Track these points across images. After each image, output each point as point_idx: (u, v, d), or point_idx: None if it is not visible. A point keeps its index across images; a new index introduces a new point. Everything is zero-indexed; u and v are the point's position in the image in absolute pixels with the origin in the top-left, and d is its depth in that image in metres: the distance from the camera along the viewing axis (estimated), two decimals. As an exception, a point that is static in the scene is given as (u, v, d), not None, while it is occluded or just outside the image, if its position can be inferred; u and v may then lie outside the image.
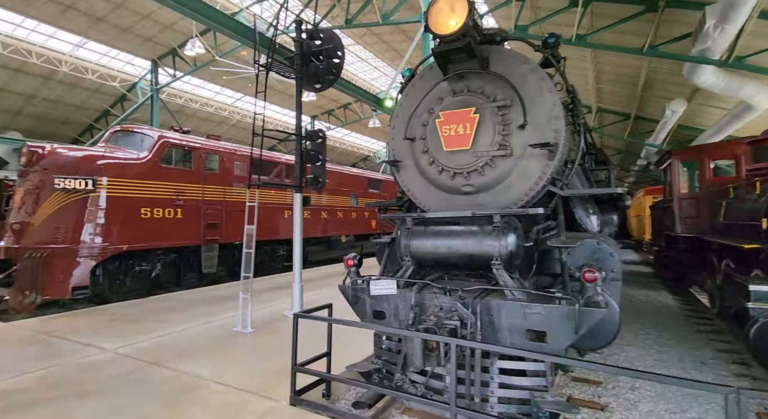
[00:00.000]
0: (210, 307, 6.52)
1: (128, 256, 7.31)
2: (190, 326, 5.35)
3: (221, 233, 8.80)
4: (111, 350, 4.39)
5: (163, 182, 7.74)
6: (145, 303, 6.83)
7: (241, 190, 9.39)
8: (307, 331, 4.94)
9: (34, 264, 6.12)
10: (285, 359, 3.99)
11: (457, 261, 3.14)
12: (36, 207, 6.52)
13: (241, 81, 25.29)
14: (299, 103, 6.45)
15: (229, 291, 7.87)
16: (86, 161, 6.87)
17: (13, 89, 21.07)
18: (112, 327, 5.32)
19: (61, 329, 5.25)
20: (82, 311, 6.27)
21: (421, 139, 3.66)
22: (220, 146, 9.20)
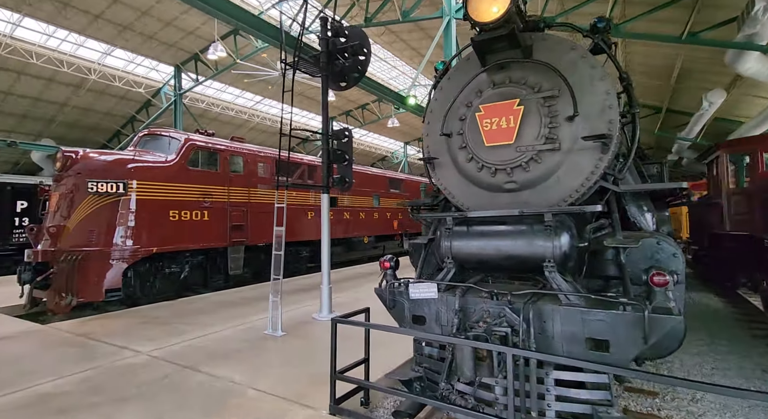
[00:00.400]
0: (239, 309, 6.51)
1: (158, 258, 7.39)
2: (221, 328, 5.32)
3: (246, 234, 8.83)
4: (145, 353, 4.39)
5: (190, 184, 7.80)
6: (174, 305, 6.89)
7: (264, 191, 9.40)
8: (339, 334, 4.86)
9: (69, 267, 6.24)
10: (319, 364, 3.89)
11: (504, 263, 2.95)
12: (71, 211, 6.65)
13: (261, 84, 25.59)
14: (325, 102, 6.36)
15: (256, 293, 7.87)
16: (117, 164, 6.98)
17: (47, 98, 21.93)
18: (145, 330, 5.35)
19: (97, 331, 5.31)
20: (115, 314, 6.36)
21: (458, 134, 3.48)
22: (244, 147, 9.23)
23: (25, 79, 20.05)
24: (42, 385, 3.55)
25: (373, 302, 6.95)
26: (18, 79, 19.94)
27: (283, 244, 5.36)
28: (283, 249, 5.34)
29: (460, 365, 2.44)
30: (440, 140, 3.65)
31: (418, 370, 3.09)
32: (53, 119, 24.03)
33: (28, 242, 12.00)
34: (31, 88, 20.77)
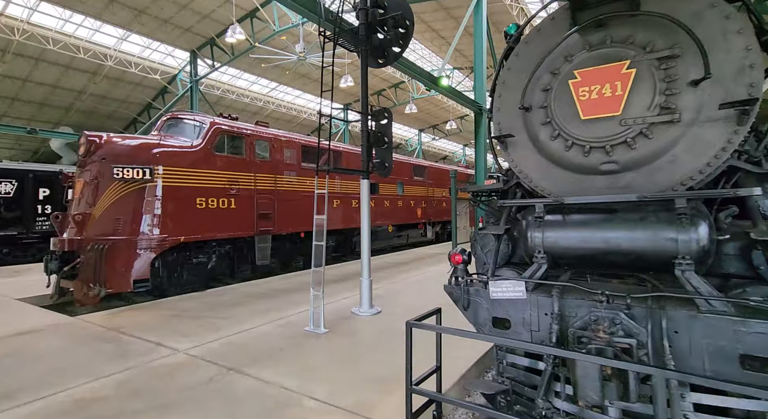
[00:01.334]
0: (271, 302, 6.18)
1: (185, 248, 7.09)
2: (257, 324, 4.99)
3: (273, 223, 8.48)
4: (182, 351, 4.07)
5: (217, 170, 7.44)
6: (203, 297, 6.60)
7: (291, 178, 9.02)
8: (386, 329, 4.55)
9: (96, 256, 5.97)
10: (374, 367, 3.52)
11: (614, 259, 2.48)
12: (96, 198, 6.36)
13: (276, 70, 25.09)
14: (365, 78, 5.87)
15: (286, 284, 7.55)
16: (143, 149, 6.64)
17: (65, 86, 21.83)
18: (178, 324, 5.05)
19: (128, 324, 5.03)
20: (145, 305, 6.09)
21: (540, 108, 2.98)
22: (270, 132, 8.82)
23: (42, 66, 19.93)
24: (77, 388, 3.25)
25: (413, 294, 6.54)
26: (36, 66, 19.82)
27: (325, 234, 4.96)
28: (324, 239, 4.94)
29: (581, 386, 2.00)
30: (516, 114, 3.15)
31: (503, 382, 2.67)
32: (71, 106, 24.00)
33: (51, 230, 11.94)
34: (48, 75, 20.66)
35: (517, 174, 3.22)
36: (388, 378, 3.33)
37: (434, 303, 5.88)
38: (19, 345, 4.35)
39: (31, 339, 4.53)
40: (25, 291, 7.21)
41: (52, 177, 11.98)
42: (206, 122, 7.62)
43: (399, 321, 4.99)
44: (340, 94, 31.07)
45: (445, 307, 3.17)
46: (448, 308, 3.21)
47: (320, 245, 4.92)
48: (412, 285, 7.38)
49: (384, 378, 3.33)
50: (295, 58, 16.86)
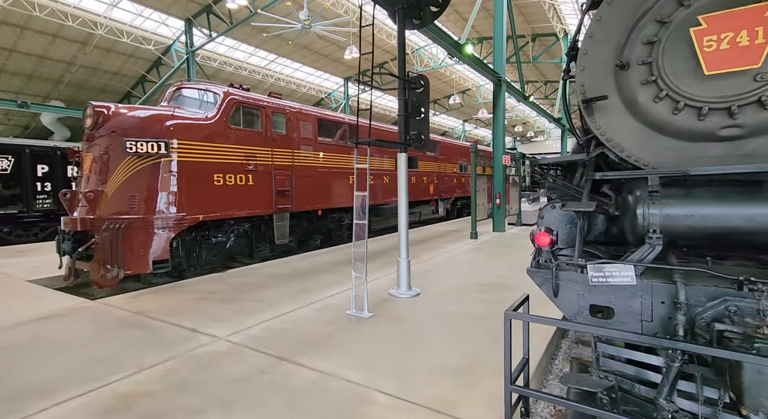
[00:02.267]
0: (298, 283, 5.89)
1: (203, 227, 6.73)
2: (293, 307, 4.70)
3: (291, 200, 8.10)
4: (222, 338, 3.78)
5: (233, 145, 6.98)
6: (226, 278, 6.30)
7: (308, 153, 8.57)
8: (433, 313, 4.18)
9: (113, 236, 5.59)
10: (437, 356, 3.26)
11: (761, 241, 2.15)
12: (107, 174, 5.92)
13: (275, 40, 23.96)
14: (402, 41, 5.35)
15: (308, 264, 7.26)
16: (155, 121, 6.14)
17: (53, 56, 20.71)
18: (208, 307, 4.75)
19: (154, 308, 4.72)
20: (167, 288, 5.78)
21: (642, 64, 2.57)
22: (287, 104, 8.29)
23: (29, 34, 18.79)
24: (120, 382, 2.96)
25: (445, 274, 6.27)
26: (21, 35, 18.69)
27: (368, 211, 4.61)
28: (368, 217, 4.59)
29: (752, 392, 1.72)
30: (607, 74, 2.74)
31: (607, 377, 2.41)
32: (61, 79, 22.91)
33: (52, 209, 11.49)
34: (35, 44, 19.53)
35: (605, 143, 2.85)
36: (458, 369, 3.07)
37: (472, 283, 5.63)
38: (42, 331, 4.04)
39: (54, 325, 4.22)
40: (34, 272, 6.87)
41: (50, 153, 11.39)
42: (219, 92, 7.08)
43: (443, 303, 4.74)
44: (340, 67, 29.96)
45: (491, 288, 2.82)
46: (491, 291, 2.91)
47: (362, 223, 4.57)
48: (441, 264, 7.12)
49: (453, 369, 3.07)
50: (300, 26, 15.94)
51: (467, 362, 3.16)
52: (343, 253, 8.30)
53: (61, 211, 11.68)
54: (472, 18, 9.86)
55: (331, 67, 29.38)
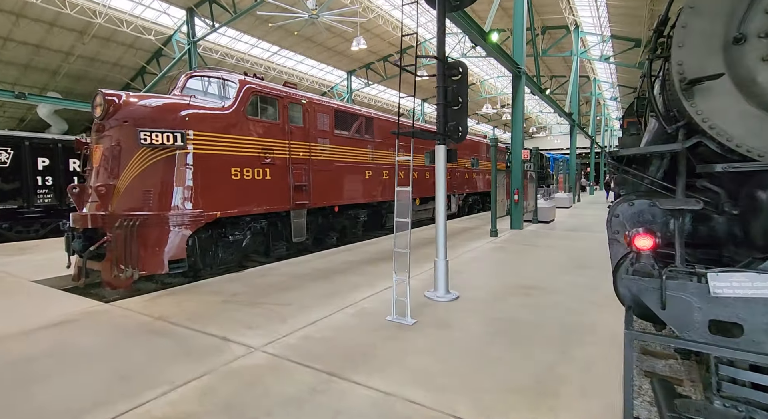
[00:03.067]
0: (325, 284, 5.55)
1: (220, 224, 6.35)
2: (326, 312, 4.36)
3: (309, 196, 7.72)
4: (258, 348, 3.43)
5: (250, 136, 6.58)
6: (245, 279, 5.94)
7: (325, 147, 8.18)
8: (481, 320, 3.52)
9: (127, 234, 5.21)
10: (504, 372, 2.93)
11: None
12: (119, 167, 5.52)
13: (279, 32, 23.42)
14: (442, 23, 4.96)
15: (328, 264, 6.90)
16: (170, 110, 5.73)
17: (50, 46, 20.09)
18: (234, 311, 4.40)
19: (176, 313, 4.36)
20: (184, 289, 5.41)
21: (764, 37, 2.22)
22: (304, 95, 7.88)
23: (24, 22, 18.17)
24: (153, 402, 2.61)
25: (478, 274, 5.93)
26: (17, 23, 18.06)
27: (410, 208, 4.25)
28: (410, 214, 4.23)
29: None
30: (713, 50, 2.38)
31: (735, 407, 2.08)
32: (58, 70, 22.29)
33: (54, 204, 11.05)
34: (32, 33, 18.91)
35: (707, 130, 2.50)
36: (533, 387, 2.74)
37: (510, 286, 5.30)
38: (57, 340, 3.67)
39: (69, 333, 3.85)
40: (39, 272, 6.47)
41: (50, 145, 10.93)
42: (235, 80, 6.67)
43: (486, 308, 4.41)
44: (344, 60, 29.42)
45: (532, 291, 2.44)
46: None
47: (405, 221, 4.22)
48: (469, 264, 6.79)
49: (527, 387, 2.74)
50: (307, 16, 15.44)
51: (541, 378, 2.83)
52: (362, 252, 7.96)
53: (63, 206, 11.28)
54: (494, 7, 9.46)
55: (334, 60, 28.86)
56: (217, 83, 6.78)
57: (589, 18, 20.89)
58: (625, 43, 20.70)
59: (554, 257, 7.27)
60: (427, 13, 24.26)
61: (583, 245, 8.46)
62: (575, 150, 23.09)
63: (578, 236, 9.88)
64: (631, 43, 19.70)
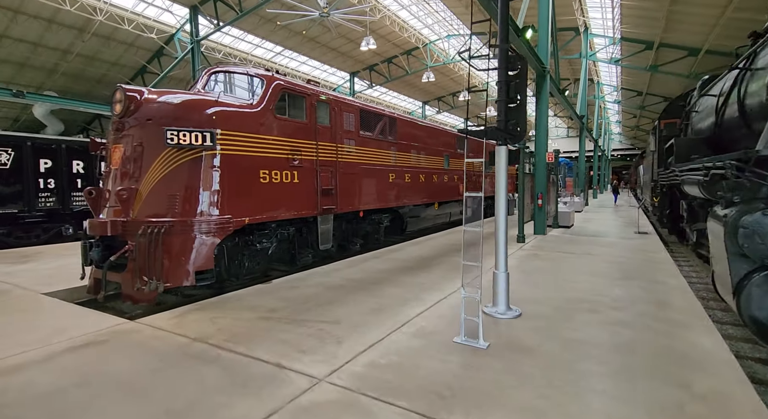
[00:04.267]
0: (365, 297, 5.11)
1: (247, 231, 5.89)
2: (382, 332, 3.92)
3: (335, 200, 7.29)
4: (323, 378, 2.99)
5: (279, 136, 6.14)
6: (275, 291, 5.47)
7: (351, 148, 7.76)
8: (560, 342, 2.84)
9: (151, 243, 4.74)
10: (621, 409, 2.50)
11: None
12: (142, 170, 5.05)
13: (283, 32, 22.99)
14: (505, 11, 4.56)
15: (358, 273, 6.46)
16: (196, 108, 5.27)
17: (48, 43, 19.48)
18: (278, 332, 3.94)
19: (213, 333, 3.90)
20: (212, 303, 4.93)
21: None
22: (330, 93, 7.46)
23: (22, 19, 17.57)
24: (223, 455, 2.15)
25: (529, 287, 5.54)
26: (14, 19, 17.46)
27: (482, 214, 3.83)
28: (482, 221, 3.81)
29: None
30: None
31: None
32: (55, 68, 21.66)
33: (56, 208, 10.46)
34: (29, 30, 18.30)
35: None
36: (670, 429, 2.32)
37: (570, 300, 4.90)
38: (86, 366, 3.20)
39: (98, 357, 3.37)
40: (47, 283, 5.96)
41: (53, 146, 10.37)
42: (263, 76, 6.23)
43: (557, 327, 4.00)
44: (348, 61, 29.02)
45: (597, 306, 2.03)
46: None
47: (476, 231, 3.80)
48: (514, 275, 6.38)
49: (663, 429, 2.32)
50: (317, 14, 15.03)
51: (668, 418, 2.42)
52: (390, 260, 7.52)
53: (66, 210, 10.71)
54: (525, 4, 9.11)
55: (338, 62, 28.47)
56: (242, 79, 6.33)
57: (598, 20, 20.72)
58: (634, 46, 20.53)
59: (595, 266, 6.89)
60: (436, 15, 23.98)
61: (616, 253, 8.10)
62: (584, 153, 22.86)
63: (606, 242, 9.53)
64: (641, 45, 19.53)
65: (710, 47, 16.76)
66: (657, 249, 8.36)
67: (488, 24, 5.05)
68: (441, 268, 6.78)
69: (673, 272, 6.30)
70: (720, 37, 15.51)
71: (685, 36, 16.87)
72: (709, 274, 5.31)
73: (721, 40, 15.81)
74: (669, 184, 7.71)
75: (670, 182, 7.34)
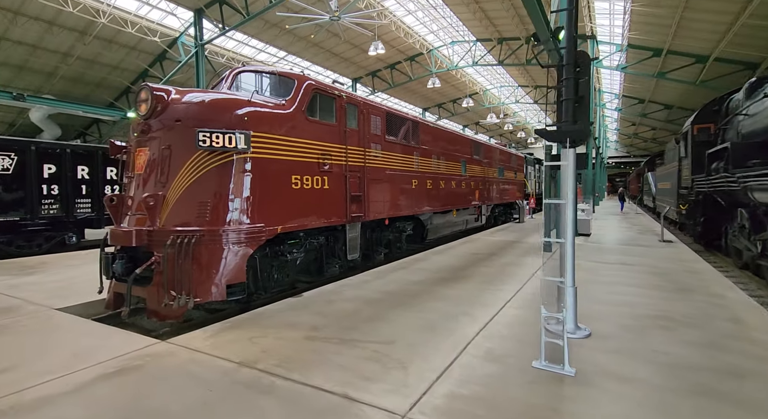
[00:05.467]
0: (409, 313, 4.73)
1: (278, 241, 5.50)
2: (448, 356, 3.53)
3: (363, 208, 6.92)
4: (404, 414, 2.60)
5: (310, 140, 5.79)
6: (310, 305, 5.08)
7: (377, 153, 7.42)
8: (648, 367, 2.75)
9: (181, 254, 4.33)
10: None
11: None
12: (169, 175, 4.66)
13: (287, 36, 22.76)
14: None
15: (389, 285, 6.08)
16: (229, 108, 4.90)
17: (48, 46, 19.03)
18: (329, 354, 3.55)
19: (259, 356, 3.49)
20: (245, 320, 4.51)
21: None
22: (358, 95, 7.14)
23: (22, 20, 17.14)
24: None
25: (582, 302, 5.16)
26: (14, 21, 17.01)
27: (573, 225, 3.49)
28: (573, 231, 3.47)
29: None
30: None
31: None
32: (54, 72, 21.20)
33: (60, 215, 9.95)
34: (29, 32, 17.86)
35: None
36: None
37: (631, 316, 4.55)
38: (125, 398, 2.78)
39: (136, 386, 2.95)
40: (59, 297, 5.51)
41: (58, 151, 9.90)
42: (293, 76, 5.89)
43: (634, 347, 3.67)
44: (351, 67, 28.83)
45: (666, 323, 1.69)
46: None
47: (566, 242, 3.45)
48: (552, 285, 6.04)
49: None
50: (328, 17, 14.78)
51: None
52: (418, 270, 7.15)
53: (70, 217, 10.21)
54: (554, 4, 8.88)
55: (341, 67, 28.28)
56: (270, 80, 5.98)
57: (605, 27, 20.74)
58: (640, 53, 20.54)
59: (638, 277, 6.57)
60: (440, 21, 23.90)
61: (651, 262, 7.80)
62: (590, 160, 22.74)
63: (635, 251, 9.24)
64: (649, 52, 19.54)
65: (719, 55, 16.76)
66: (693, 259, 8.07)
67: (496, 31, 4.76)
68: (474, 280, 6.42)
69: (725, 284, 6.00)
70: (731, 44, 15.50)
71: (693, 43, 16.87)
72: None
73: (732, 47, 15.81)
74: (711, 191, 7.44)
75: (715, 189, 7.07)
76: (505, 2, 19.18)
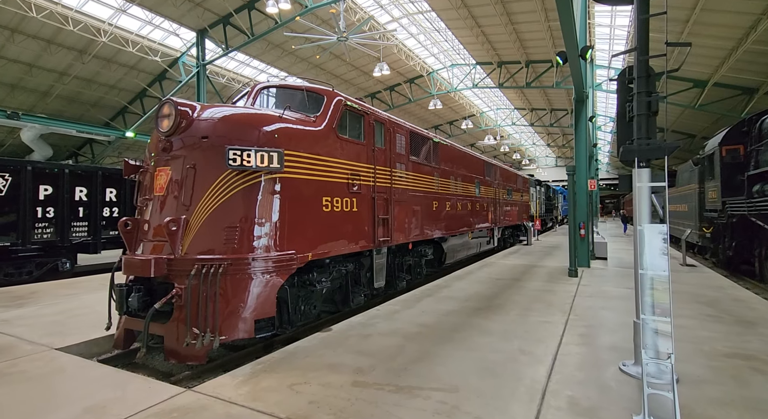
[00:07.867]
0: (459, 351, 4.23)
1: (307, 269, 5.01)
2: (526, 405, 3.05)
3: (389, 231, 6.49)
4: (514, 493, 2.09)
5: (340, 159, 5.40)
6: (345, 342, 4.54)
7: (402, 173, 7.06)
8: None
9: (206, 286, 3.82)
10: None
11: None
12: (194, 196, 4.19)
13: (289, 58, 22.83)
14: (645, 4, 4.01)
15: (422, 315, 5.60)
16: (258, 125, 4.49)
17: (45, 65, 18.65)
18: (389, 406, 3.03)
19: (305, 409, 2.95)
20: (279, 361, 3.96)
21: None
22: (383, 113, 6.83)
23: (19, 38, 16.79)
24: None
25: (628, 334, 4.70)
26: (11, 39, 16.65)
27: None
28: (668, 260, 3.07)
29: None
30: None
31: None
32: (49, 91, 20.75)
33: (53, 240, 9.26)
34: (26, 50, 17.49)
35: None
36: None
37: (706, 354, 4.11)
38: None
39: (168, 462, 2.40)
40: (57, 334, 4.89)
41: (55, 172, 9.34)
42: (321, 92, 5.56)
43: (731, 392, 3.23)
44: (350, 89, 28.96)
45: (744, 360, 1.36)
46: None
47: (663, 276, 3.03)
48: (604, 318, 5.61)
49: None
50: (335, 38, 14.74)
51: None
52: (447, 299, 6.67)
53: (65, 242, 9.53)
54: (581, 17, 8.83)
55: (341, 88, 28.33)
56: (296, 96, 5.63)
57: (604, 51, 21.18)
58: (637, 77, 20.89)
59: (687, 306, 6.15)
60: (440, 44, 24.24)
61: (689, 289, 7.42)
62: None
63: (662, 274, 8.89)
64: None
65: (719, 80, 17.08)
66: (728, 285, 7.74)
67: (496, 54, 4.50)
68: (510, 310, 5.94)
69: (782, 313, 5.63)
70: (731, 69, 15.81)
71: (693, 68, 17.19)
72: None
73: (731, 72, 16.13)
74: (752, 213, 7.21)
75: (759, 212, 6.84)
76: (508, 26, 19.49)
